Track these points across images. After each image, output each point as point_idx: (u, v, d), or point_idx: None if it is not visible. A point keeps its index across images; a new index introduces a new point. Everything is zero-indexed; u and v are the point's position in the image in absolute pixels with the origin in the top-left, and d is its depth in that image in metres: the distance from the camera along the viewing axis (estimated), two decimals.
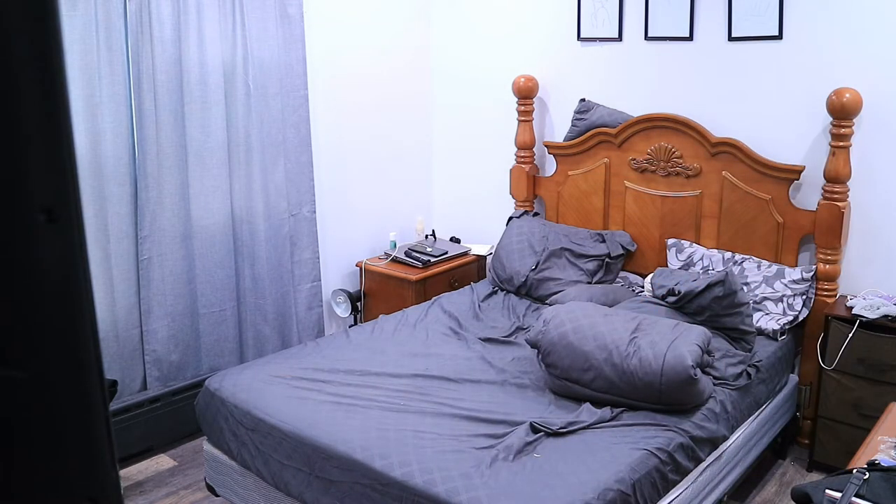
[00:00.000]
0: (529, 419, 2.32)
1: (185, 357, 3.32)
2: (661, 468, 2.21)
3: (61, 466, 0.58)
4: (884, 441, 1.78)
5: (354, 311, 3.96)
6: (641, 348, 2.42)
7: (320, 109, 3.76)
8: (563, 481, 2.02)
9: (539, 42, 3.89)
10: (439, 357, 2.85)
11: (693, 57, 3.39)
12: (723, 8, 3.25)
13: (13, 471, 0.57)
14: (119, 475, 0.63)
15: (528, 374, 2.71)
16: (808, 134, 3.14)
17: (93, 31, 2.85)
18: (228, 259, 3.41)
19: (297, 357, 2.84)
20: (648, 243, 3.55)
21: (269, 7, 3.38)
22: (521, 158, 3.93)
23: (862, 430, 2.28)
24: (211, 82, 3.21)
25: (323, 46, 3.72)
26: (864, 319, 2.82)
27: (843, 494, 1.46)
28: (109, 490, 0.60)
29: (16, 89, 0.51)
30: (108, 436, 0.59)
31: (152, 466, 3.13)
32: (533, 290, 3.49)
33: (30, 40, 0.51)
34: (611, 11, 3.59)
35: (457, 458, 2.11)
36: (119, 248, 3.08)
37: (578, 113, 3.71)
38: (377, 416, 2.37)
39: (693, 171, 3.35)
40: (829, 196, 3.01)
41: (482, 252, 4.12)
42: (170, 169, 3.15)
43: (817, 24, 3.05)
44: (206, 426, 2.68)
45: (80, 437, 0.58)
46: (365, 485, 2.12)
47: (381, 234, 4.17)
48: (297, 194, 3.63)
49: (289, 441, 2.33)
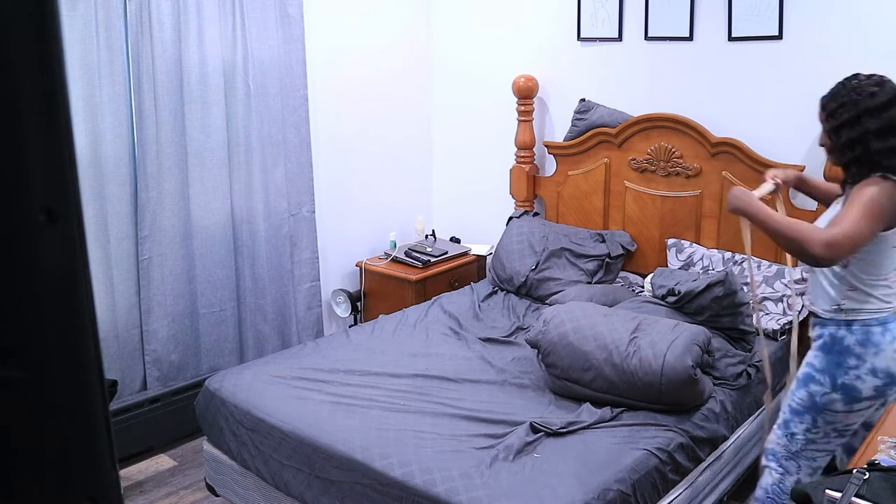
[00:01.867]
0: (529, 419, 2.32)
1: (185, 357, 3.32)
2: (661, 468, 2.21)
3: (61, 466, 0.58)
4: (884, 441, 1.78)
5: (354, 311, 3.96)
6: (641, 348, 2.42)
7: (320, 109, 3.76)
8: (563, 481, 2.02)
9: (539, 42, 3.89)
10: (439, 357, 2.85)
11: (693, 57, 3.39)
12: (723, 8, 3.25)
13: (13, 471, 0.57)
14: (119, 475, 0.63)
15: (528, 374, 2.71)
16: (809, 134, 3.14)
17: (93, 31, 2.85)
18: (228, 259, 3.41)
19: (297, 357, 2.84)
20: (648, 243, 3.55)
21: (269, 7, 3.38)
22: (521, 158, 3.93)
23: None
24: (211, 82, 3.21)
25: (323, 46, 3.72)
26: None
27: (843, 494, 1.46)
28: (109, 490, 0.60)
29: (16, 89, 0.51)
30: (108, 436, 0.59)
31: (152, 466, 3.13)
32: (533, 290, 3.49)
33: (30, 40, 0.51)
34: (611, 11, 3.59)
35: (457, 458, 2.12)
36: (119, 248, 3.08)
37: (578, 113, 3.71)
38: (377, 416, 2.37)
39: (693, 171, 3.35)
40: None
41: (482, 252, 4.12)
42: (170, 169, 3.15)
43: (817, 24, 3.05)
44: (206, 426, 2.68)
45: (80, 437, 0.58)
46: (365, 485, 2.12)
47: (381, 234, 4.17)
48: (297, 194, 3.63)
49: (289, 441, 2.33)
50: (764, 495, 2.29)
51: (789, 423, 2.23)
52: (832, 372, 2.11)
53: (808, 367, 2.20)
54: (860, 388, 2.09)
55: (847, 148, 2.06)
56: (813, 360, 2.18)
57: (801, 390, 2.20)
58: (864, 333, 2.08)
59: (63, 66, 0.53)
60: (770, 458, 2.28)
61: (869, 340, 2.07)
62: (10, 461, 0.57)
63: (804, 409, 2.19)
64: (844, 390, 2.10)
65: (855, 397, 2.10)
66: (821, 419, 2.17)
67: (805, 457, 2.22)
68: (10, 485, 0.57)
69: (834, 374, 2.11)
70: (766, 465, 2.30)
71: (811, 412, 2.17)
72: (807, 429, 2.19)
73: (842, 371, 2.10)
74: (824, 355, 2.14)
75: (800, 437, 2.21)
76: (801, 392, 2.19)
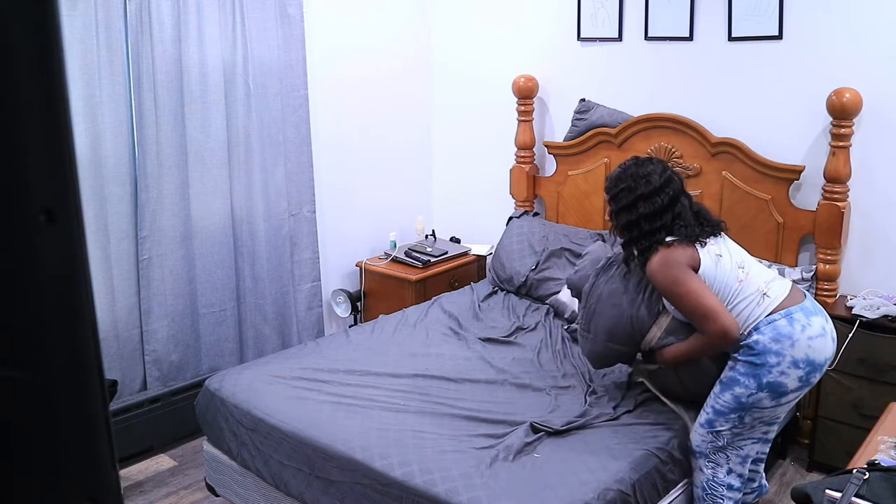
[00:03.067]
0: (529, 419, 2.32)
1: (185, 357, 3.32)
2: (661, 468, 2.21)
3: (61, 466, 0.58)
4: (884, 441, 1.79)
5: (354, 311, 3.96)
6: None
7: (320, 109, 3.76)
8: (563, 481, 2.02)
9: (539, 42, 3.89)
10: (439, 357, 2.85)
11: (693, 57, 3.39)
12: (723, 8, 3.25)
13: (13, 471, 0.57)
14: (119, 475, 0.63)
15: (528, 373, 2.71)
16: (808, 134, 3.14)
17: (93, 31, 2.85)
18: (228, 259, 3.41)
19: (297, 357, 2.84)
20: None
21: (269, 7, 3.38)
22: (521, 158, 3.93)
23: (862, 430, 2.28)
24: (211, 82, 3.21)
25: (323, 46, 3.72)
26: (864, 319, 2.82)
27: (843, 494, 1.46)
28: (109, 490, 0.60)
29: (16, 89, 0.51)
30: (108, 436, 0.59)
31: (152, 466, 3.13)
32: (533, 290, 3.49)
33: (30, 40, 0.51)
34: (611, 11, 3.59)
35: (457, 458, 2.12)
36: (119, 248, 3.08)
37: (578, 113, 3.71)
38: (377, 416, 2.37)
39: (693, 171, 3.35)
40: (829, 196, 3.01)
41: (482, 252, 4.12)
42: (170, 169, 3.15)
43: (817, 24, 3.05)
44: (206, 426, 2.68)
45: (80, 437, 0.58)
46: (365, 485, 2.12)
47: (381, 234, 4.17)
48: (297, 194, 3.63)
49: (289, 441, 2.33)
50: (702, 492, 2.32)
51: (713, 423, 2.26)
52: (755, 373, 2.17)
53: (731, 370, 2.23)
54: (786, 383, 2.16)
55: (626, 229, 2.32)
56: (735, 364, 2.22)
57: (725, 393, 2.22)
58: (772, 329, 2.16)
59: (63, 66, 0.53)
60: (699, 457, 2.30)
61: (780, 334, 2.15)
62: (9, 461, 0.57)
63: (729, 410, 2.22)
64: (770, 388, 2.16)
65: (782, 392, 2.18)
66: (748, 416, 2.23)
67: (733, 448, 2.28)
68: (10, 485, 0.57)
69: (758, 374, 2.17)
70: (696, 463, 2.32)
71: (737, 412, 2.22)
72: (733, 426, 2.24)
73: (765, 371, 2.16)
74: (744, 363, 2.19)
75: (725, 433, 2.26)
76: (726, 395, 2.22)
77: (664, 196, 2.27)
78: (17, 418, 0.56)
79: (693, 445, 2.31)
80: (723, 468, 2.28)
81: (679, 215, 2.27)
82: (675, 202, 2.28)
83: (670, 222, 2.26)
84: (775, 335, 2.15)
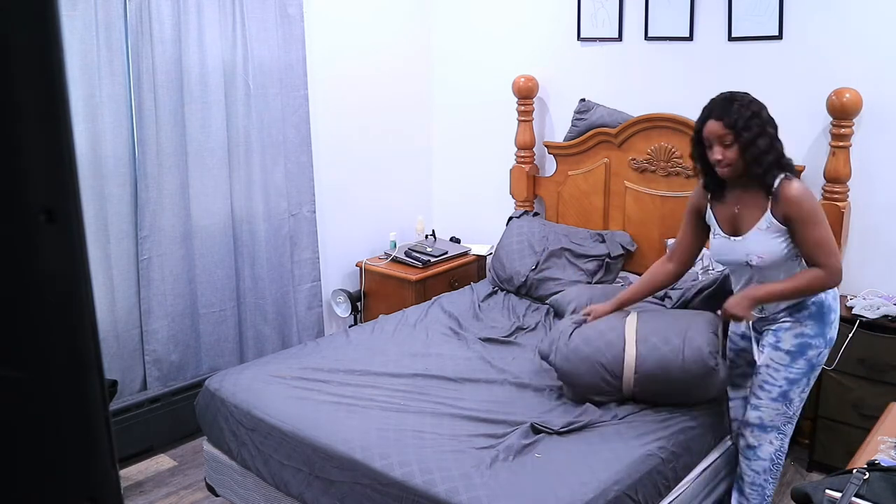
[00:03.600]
0: (530, 419, 2.32)
1: (185, 357, 3.32)
2: (662, 468, 2.21)
3: (61, 466, 0.58)
4: (884, 441, 1.79)
5: (354, 311, 3.96)
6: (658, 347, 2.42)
7: (320, 109, 3.76)
8: (563, 481, 2.02)
9: (539, 42, 3.89)
10: (439, 357, 2.85)
11: (693, 57, 3.38)
12: (723, 8, 3.24)
13: (13, 471, 0.57)
14: (119, 475, 0.63)
15: (528, 374, 2.71)
16: (808, 134, 3.14)
17: (93, 31, 2.85)
18: (228, 259, 3.41)
19: (297, 357, 2.84)
20: (648, 243, 3.55)
21: (269, 7, 3.38)
22: (521, 158, 3.93)
23: (862, 430, 2.28)
24: (211, 82, 3.21)
25: (323, 46, 3.72)
26: (864, 319, 2.82)
27: (843, 494, 1.46)
28: (109, 490, 0.60)
29: (16, 89, 0.51)
30: (107, 436, 0.59)
31: (152, 466, 3.13)
32: (533, 290, 3.49)
33: (30, 40, 0.51)
34: (611, 11, 3.59)
35: (457, 458, 2.11)
36: (119, 248, 3.08)
37: (578, 113, 3.71)
38: (377, 416, 2.37)
39: (693, 171, 3.34)
40: (829, 196, 3.01)
41: (482, 252, 4.12)
42: (170, 169, 3.15)
43: (817, 24, 3.05)
44: (206, 426, 2.68)
45: (79, 437, 0.58)
46: (365, 485, 2.12)
47: (381, 234, 4.17)
48: (297, 194, 3.63)
49: (288, 441, 2.33)
50: (770, 465, 2.40)
51: (788, 393, 2.33)
52: (823, 331, 2.30)
53: (798, 338, 2.30)
54: (835, 336, 2.36)
55: (765, 154, 2.23)
56: (803, 330, 2.30)
57: (798, 360, 2.31)
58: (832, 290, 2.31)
59: (63, 66, 0.53)
60: (769, 430, 2.37)
61: (835, 295, 2.34)
62: (10, 461, 0.57)
63: (801, 375, 2.32)
64: (831, 342, 2.34)
65: (833, 342, 2.36)
66: (812, 376, 2.36)
67: (797, 414, 2.39)
68: (11, 484, 0.57)
69: (825, 332, 2.31)
70: (763, 438, 2.38)
71: (807, 375, 2.33)
72: (802, 391, 2.36)
73: (829, 327, 2.32)
74: (815, 322, 2.29)
75: (797, 400, 2.35)
76: (800, 362, 2.31)
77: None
78: (17, 418, 0.56)
79: (764, 422, 2.36)
80: (788, 438, 2.40)
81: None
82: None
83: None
84: (834, 294, 2.31)
